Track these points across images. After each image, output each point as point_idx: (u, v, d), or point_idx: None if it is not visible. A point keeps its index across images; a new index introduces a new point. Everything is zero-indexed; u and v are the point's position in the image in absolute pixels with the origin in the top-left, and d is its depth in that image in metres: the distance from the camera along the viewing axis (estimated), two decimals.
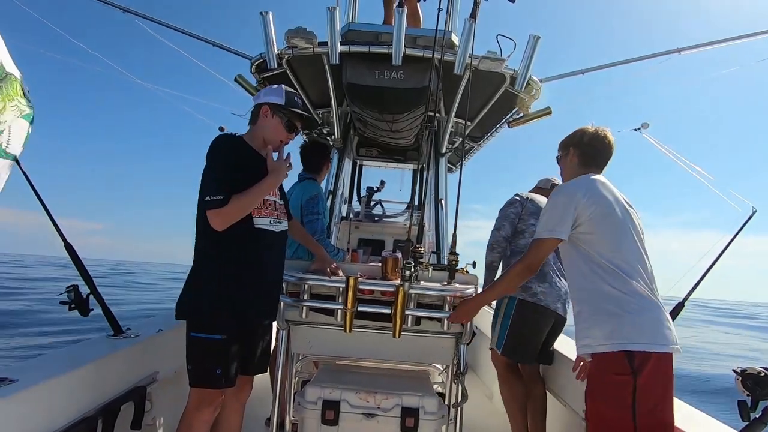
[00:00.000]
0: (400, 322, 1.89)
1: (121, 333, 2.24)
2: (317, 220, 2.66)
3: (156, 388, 2.23)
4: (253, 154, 1.87)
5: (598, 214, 1.69)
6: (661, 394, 1.58)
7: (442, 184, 3.70)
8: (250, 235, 1.78)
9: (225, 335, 1.73)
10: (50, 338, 10.08)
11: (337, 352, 2.23)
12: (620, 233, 1.69)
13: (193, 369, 1.74)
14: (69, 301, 2.08)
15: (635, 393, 1.54)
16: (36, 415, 1.54)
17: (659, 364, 1.57)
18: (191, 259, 1.83)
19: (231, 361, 1.76)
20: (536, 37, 2.86)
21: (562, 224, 1.71)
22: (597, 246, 1.69)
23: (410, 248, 1.99)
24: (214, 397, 1.76)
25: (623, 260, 1.66)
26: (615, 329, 1.60)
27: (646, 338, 1.57)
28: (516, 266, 1.83)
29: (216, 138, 1.80)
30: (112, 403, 1.89)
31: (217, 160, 1.75)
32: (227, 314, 1.74)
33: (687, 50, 3.35)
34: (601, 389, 1.65)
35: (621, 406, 1.56)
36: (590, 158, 1.89)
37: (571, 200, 1.71)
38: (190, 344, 1.74)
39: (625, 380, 1.56)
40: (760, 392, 1.50)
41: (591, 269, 1.70)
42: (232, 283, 1.75)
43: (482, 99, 3.46)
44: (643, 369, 1.55)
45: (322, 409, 1.88)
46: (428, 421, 1.88)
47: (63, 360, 1.80)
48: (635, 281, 1.63)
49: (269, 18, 2.91)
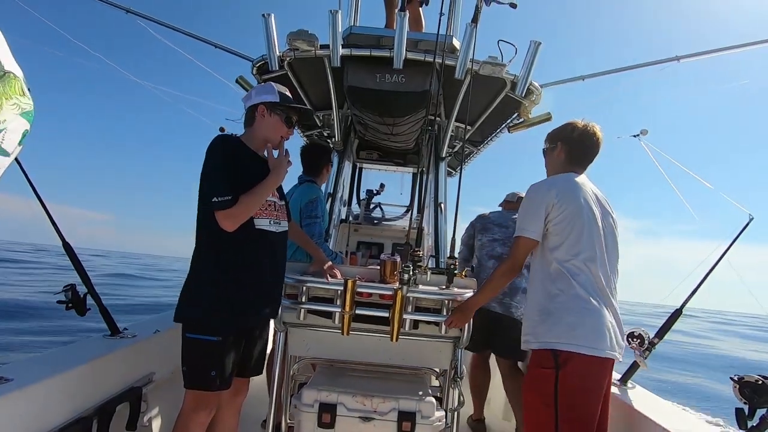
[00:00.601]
0: (398, 326, 1.89)
1: (117, 333, 2.24)
2: (315, 223, 2.66)
3: (152, 389, 2.23)
4: (252, 155, 1.87)
5: (565, 217, 1.73)
6: (582, 393, 1.64)
7: (442, 188, 3.70)
8: (251, 236, 1.77)
9: (221, 337, 1.72)
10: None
11: (335, 354, 2.22)
12: (581, 237, 1.73)
13: (188, 370, 1.73)
14: (66, 301, 2.07)
15: (557, 386, 1.63)
16: (31, 415, 1.53)
17: (583, 365, 1.63)
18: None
19: (226, 363, 1.75)
20: (537, 43, 2.87)
21: (532, 223, 1.76)
22: (555, 247, 1.75)
23: (409, 252, 1.99)
24: (209, 399, 1.75)
25: (576, 264, 1.71)
26: (549, 328, 1.69)
27: (575, 340, 1.64)
28: (500, 267, 1.88)
29: (214, 139, 1.79)
30: (107, 404, 1.88)
31: (220, 160, 1.73)
32: (225, 316, 1.73)
33: (685, 58, 3.37)
34: (531, 381, 1.77)
35: (545, 395, 1.65)
36: (577, 156, 1.90)
37: (543, 199, 1.76)
38: (186, 345, 1.73)
39: (548, 374, 1.65)
40: (757, 400, 1.51)
41: (543, 269, 1.78)
42: (231, 284, 1.74)
43: (483, 104, 3.47)
44: (565, 366, 1.63)
45: (318, 412, 1.87)
46: (425, 425, 1.87)
47: (59, 359, 1.80)
48: (580, 285, 1.69)
49: (271, 20, 2.92)
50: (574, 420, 1.62)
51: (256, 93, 1.93)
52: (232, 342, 1.77)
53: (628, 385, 2.26)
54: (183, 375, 1.74)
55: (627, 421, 2.00)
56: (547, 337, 1.69)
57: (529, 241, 1.78)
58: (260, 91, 1.93)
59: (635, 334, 2.29)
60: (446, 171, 4.02)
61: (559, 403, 1.62)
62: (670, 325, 2.30)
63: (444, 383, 2.34)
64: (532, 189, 1.84)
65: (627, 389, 2.22)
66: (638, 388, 2.25)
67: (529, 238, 1.77)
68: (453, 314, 1.96)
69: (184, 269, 1.87)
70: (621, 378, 2.29)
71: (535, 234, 1.76)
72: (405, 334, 1.97)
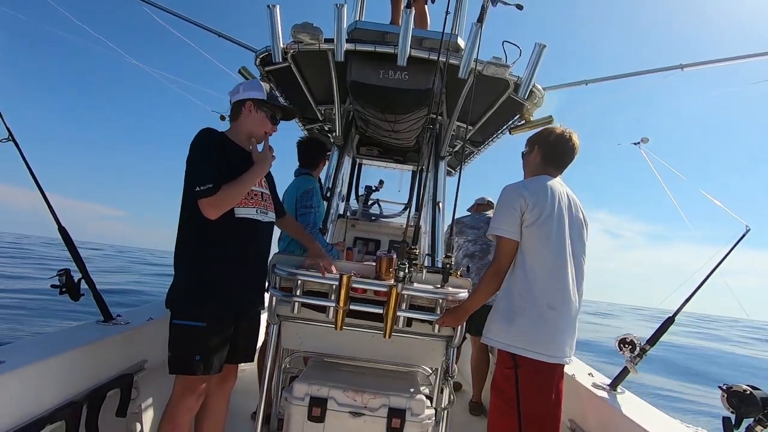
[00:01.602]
0: (392, 323, 1.89)
1: (111, 320, 2.24)
2: (310, 213, 2.72)
3: (143, 376, 2.23)
4: (237, 150, 1.90)
5: (533, 218, 1.79)
6: (539, 395, 1.75)
7: (441, 187, 3.70)
8: (233, 225, 1.81)
9: (206, 323, 1.75)
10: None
11: (327, 349, 2.23)
12: (546, 241, 1.79)
13: (172, 356, 1.76)
14: (60, 285, 2.07)
15: (518, 385, 1.74)
16: (22, 397, 1.53)
17: (535, 369, 1.74)
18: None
19: (212, 349, 1.77)
20: (542, 46, 2.86)
21: (508, 223, 1.82)
22: (523, 249, 1.81)
23: (405, 249, 1.99)
24: (196, 385, 1.77)
25: (538, 268, 1.78)
26: (506, 330, 1.79)
27: (528, 345, 1.74)
28: (487, 272, 1.91)
29: (200, 132, 1.82)
30: (98, 389, 1.88)
31: (203, 151, 1.77)
32: (209, 302, 1.76)
33: (690, 66, 3.37)
34: (496, 379, 1.87)
35: (508, 394, 1.76)
36: (551, 158, 1.97)
37: (516, 200, 1.82)
38: (171, 331, 1.77)
39: (509, 373, 1.77)
40: (744, 410, 1.52)
41: (512, 269, 1.85)
42: (214, 271, 1.78)
43: (485, 104, 3.46)
44: (522, 367, 1.75)
45: (308, 406, 1.88)
46: (414, 422, 1.88)
47: (51, 343, 1.80)
48: (539, 290, 1.77)
49: (276, 11, 2.90)
50: (536, 416, 1.72)
51: (244, 89, 1.97)
52: (219, 328, 1.80)
53: (618, 390, 2.27)
54: (168, 361, 1.76)
55: (614, 426, 2.02)
56: (503, 338, 1.80)
57: (509, 242, 1.82)
58: (248, 87, 1.98)
59: (627, 340, 2.30)
60: (446, 170, 4.01)
61: (521, 400, 1.73)
62: (662, 332, 2.31)
63: (435, 382, 2.35)
64: (506, 190, 1.89)
65: (616, 394, 2.24)
66: (627, 393, 2.27)
67: (508, 238, 1.81)
68: (446, 315, 1.97)
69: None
70: (611, 383, 2.30)
71: (513, 234, 1.81)
72: (398, 332, 1.97)
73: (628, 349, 2.28)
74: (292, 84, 3.46)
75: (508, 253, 1.83)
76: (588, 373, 2.53)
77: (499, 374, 1.84)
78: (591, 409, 2.26)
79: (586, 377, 2.46)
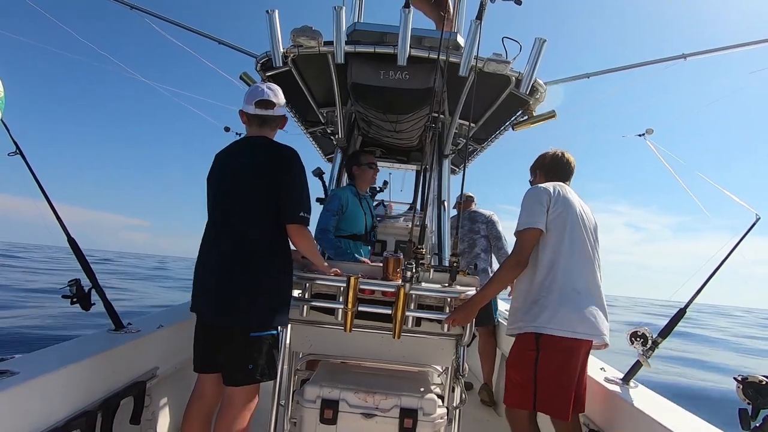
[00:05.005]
0: (401, 323, 1.89)
1: (122, 328, 2.25)
2: (322, 214, 2.95)
3: (156, 383, 2.24)
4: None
5: (557, 211, 1.98)
6: (560, 366, 1.90)
7: (445, 186, 3.69)
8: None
9: (276, 330, 1.89)
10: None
11: (337, 351, 2.23)
12: (567, 234, 1.98)
13: (262, 366, 1.86)
14: (71, 295, 2.09)
15: (537, 364, 1.90)
16: (36, 408, 1.55)
17: (557, 350, 1.89)
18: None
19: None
20: (542, 40, 2.85)
21: (534, 215, 1.98)
22: (546, 242, 1.98)
23: (412, 249, 1.99)
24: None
25: (560, 258, 1.95)
26: (530, 314, 1.94)
27: (553, 323, 1.89)
28: (508, 261, 2.04)
29: (296, 153, 1.91)
30: (112, 398, 1.89)
31: (305, 181, 1.91)
32: (287, 309, 1.91)
33: (692, 56, 3.34)
34: (514, 360, 2.02)
35: (526, 370, 1.92)
36: (553, 175, 2.23)
37: (541, 196, 2.02)
38: (256, 343, 1.86)
39: (530, 355, 1.92)
40: (761, 401, 1.50)
41: (532, 262, 1.99)
42: (290, 281, 1.93)
43: (487, 101, 3.45)
44: (546, 347, 1.89)
45: (320, 408, 1.88)
46: (426, 422, 1.88)
47: (63, 353, 1.81)
48: (562, 276, 1.93)
49: (275, 16, 2.91)
50: (550, 387, 1.89)
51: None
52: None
53: (631, 384, 2.25)
54: (249, 373, 1.85)
55: (627, 420, 2.00)
56: (531, 322, 1.93)
57: (536, 231, 1.97)
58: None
59: (638, 333, 2.28)
60: (450, 168, 4.00)
61: (538, 377, 1.89)
62: (674, 324, 2.29)
63: (446, 381, 2.34)
64: (530, 191, 2.08)
65: (629, 388, 2.22)
66: (641, 387, 2.25)
67: (537, 228, 1.97)
68: (455, 312, 1.96)
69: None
70: (624, 377, 2.28)
71: (541, 224, 1.97)
72: (407, 332, 1.97)
73: (639, 342, 2.25)
74: (294, 88, 3.47)
75: (532, 243, 1.98)
76: (600, 368, 2.51)
77: (516, 353, 1.98)
78: (604, 404, 2.24)
79: (598, 372, 2.44)
